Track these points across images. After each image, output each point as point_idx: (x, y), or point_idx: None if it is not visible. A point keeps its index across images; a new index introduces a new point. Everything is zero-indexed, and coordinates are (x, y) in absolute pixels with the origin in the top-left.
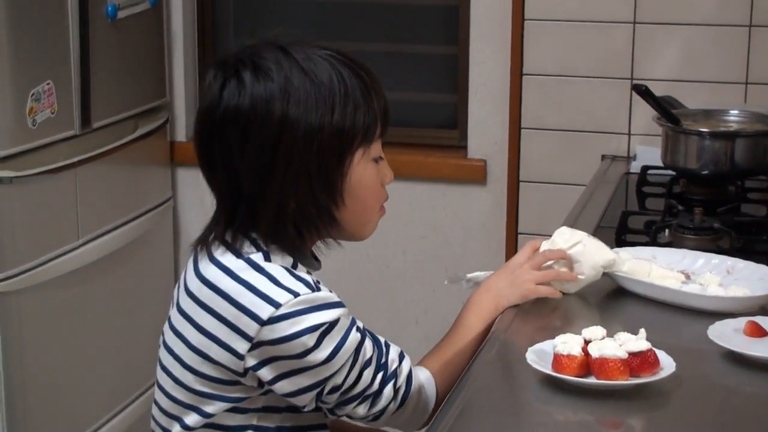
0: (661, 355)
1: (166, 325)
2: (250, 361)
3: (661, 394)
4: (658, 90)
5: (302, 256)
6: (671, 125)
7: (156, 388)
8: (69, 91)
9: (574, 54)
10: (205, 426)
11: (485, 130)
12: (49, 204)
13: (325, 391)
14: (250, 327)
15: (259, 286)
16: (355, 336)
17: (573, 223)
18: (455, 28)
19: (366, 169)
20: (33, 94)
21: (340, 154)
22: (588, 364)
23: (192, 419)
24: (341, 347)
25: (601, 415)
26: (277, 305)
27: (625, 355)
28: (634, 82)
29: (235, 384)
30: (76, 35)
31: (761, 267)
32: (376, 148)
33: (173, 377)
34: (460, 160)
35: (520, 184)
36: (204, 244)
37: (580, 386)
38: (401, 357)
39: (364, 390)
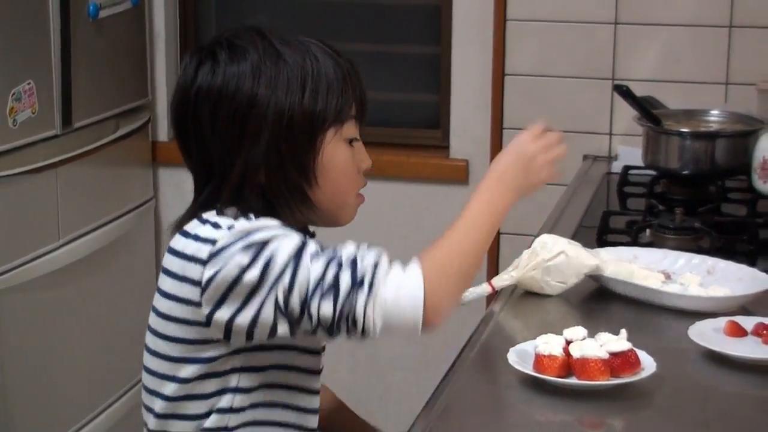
0: (642, 355)
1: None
2: (206, 307)
3: (642, 394)
4: (639, 90)
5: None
6: (652, 125)
7: (142, 371)
8: (50, 90)
9: (556, 54)
10: (184, 398)
11: (467, 130)
12: (30, 204)
13: (280, 299)
14: (196, 271)
15: (201, 234)
16: (293, 241)
17: (555, 222)
18: (437, 28)
19: (338, 149)
20: (13, 94)
21: (311, 133)
22: (569, 365)
23: (170, 389)
24: (277, 253)
25: (582, 416)
26: (214, 241)
27: (606, 356)
28: (616, 82)
29: (205, 342)
30: (57, 35)
31: (741, 267)
32: (350, 129)
33: (150, 350)
34: (442, 160)
35: None
36: (179, 225)
37: (561, 386)
38: (361, 249)
39: (318, 282)
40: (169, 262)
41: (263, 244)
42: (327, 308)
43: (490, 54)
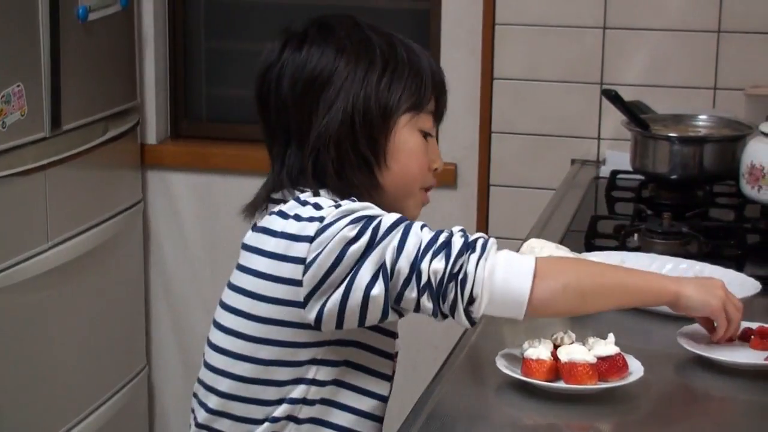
0: (630, 360)
1: (225, 290)
2: (307, 286)
3: (630, 398)
4: (627, 95)
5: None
6: (640, 130)
7: (206, 350)
8: (39, 93)
9: (545, 59)
10: (256, 381)
11: (455, 133)
12: (19, 206)
13: (388, 260)
14: (302, 249)
15: (304, 214)
16: (400, 216)
17: (543, 227)
18: (426, 32)
19: (411, 135)
20: (3, 96)
21: (386, 112)
22: (557, 369)
23: (242, 369)
24: (384, 222)
25: (570, 420)
26: (321, 219)
27: (593, 360)
28: (604, 86)
29: (294, 325)
30: (46, 37)
31: (729, 271)
32: (426, 122)
33: (225, 328)
34: None
35: (491, 187)
36: (255, 206)
37: (549, 390)
38: (460, 234)
39: (430, 244)
40: (263, 241)
41: (370, 218)
42: (438, 265)
43: (478, 58)
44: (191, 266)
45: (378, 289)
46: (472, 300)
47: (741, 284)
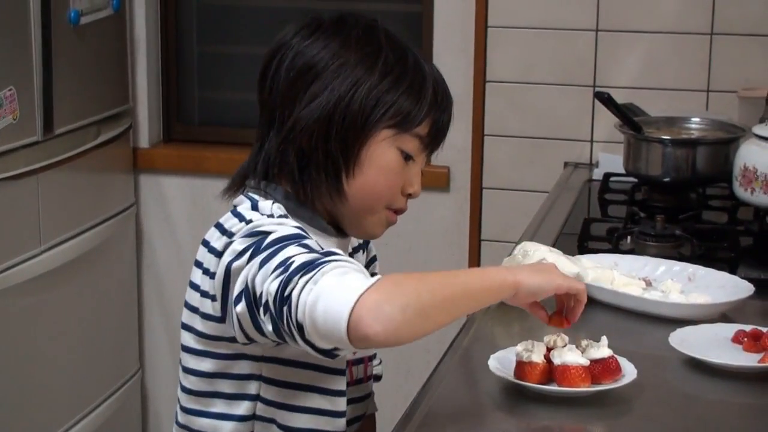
0: (623, 362)
1: None
2: (217, 300)
3: (623, 400)
4: (620, 97)
5: (304, 207)
6: (633, 133)
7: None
8: (31, 97)
9: (537, 61)
10: (204, 393)
11: (448, 136)
12: (11, 210)
13: (249, 278)
14: (214, 263)
15: (227, 227)
16: (292, 231)
17: (536, 229)
18: (418, 35)
19: (387, 153)
20: None
21: (366, 120)
22: (550, 371)
23: (190, 382)
24: (267, 238)
25: (563, 422)
26: (231, 234)
27: (586, 362)
28: (597, 89)
29: (219, 339)
30: (38, 41)
31: (722, 274)
32: (409, 144)
33: (182, 345)
34: (423, 167)
35: (483, 190)
36: (228, 190)
37: (542, 393)
38: (312, 255)
39: (280, 264)
40: (200, 253)
41: (264, 234)
42: (272, 286)
43: (471, 61)
44: (184, 269)
45: (241, 307)
46: (300, 327)
47: (734, 287)
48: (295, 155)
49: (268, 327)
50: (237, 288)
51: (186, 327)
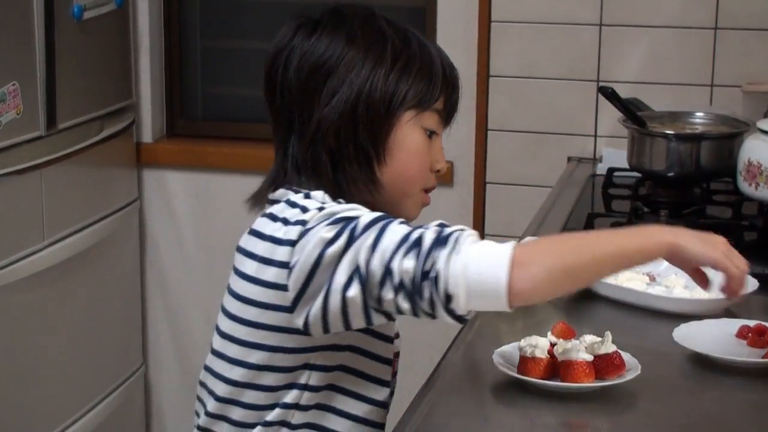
0: (627, 357)
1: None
2: (293, 290)
3: (627, 396)
4: (624, 92)
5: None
6: (637, 127)
7: (209, 354)
8: (34, 91)
9: (541, 56)
10: (248, 385)
11: (451, 131)
12: (15, 205)
13: (361, 261)
14: (285, 253)
15: (291, 217)
16: (380, 214)
17: (539, 224)
18: (422, 30)
19: (413, 133)
20: None
21: (389, 106)
22: (554, 367)
23: (237, 373)
24: (361, 221)
25: (567, 418)
26: (304, 222)
27: (590, 358)
28: (600, 84)
29: (283, 330)
30: (41, 36)
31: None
32: (431, 120)
33: (221, 333)
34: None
35: (487, 185)
36: (257, 200)
37: (545, 388)
38: (435, 229)
39: (401, 242)
40: (253, 244)
41: (350, 219)
42: (409, 264)
43: (474, 55)
44: (187, 265)
45: (354, 290)
46: (449, 298)
47: None
48: (327, 154)
49: (404, 305)
50: (342, 274)
51: (235, 318)
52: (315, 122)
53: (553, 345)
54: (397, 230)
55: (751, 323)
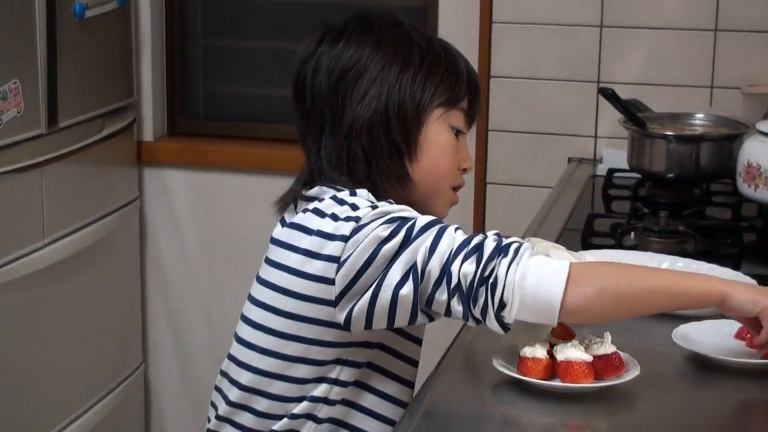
0: (626, 358)
1: (253, 284)
2: (339, 285)
3: (626, 396)
4: (624, 93)
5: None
6: (637, 128)
7: (233, 343)
8: (36, 90)
9: (541, 57)
10: (278, 376)
11: None
12: (15, 203)
13: (419, 260)
14: (336, 248)
15: (340, 213)
16: (435, 218)
17: (539, 225)
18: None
19: (442, 130)
20: None
21: (419, 103)
22: (553, 367)
23: (266, 364)
24: (418, 222)
25: (567, 418)
26: (357, 219)
27: (590, 358)
28: (601, 85)
29: (323, 324)
30: (43, 34)
31: (726, 270)
32: (457, 118)
33: (252, 323)
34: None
35: (487, 186)
36: (288, 201)
37: (545, 389)
38: (494, 237)
39: (462, 246)
40: (296, 238)
41: (405, 219)
42: (469, 268)
43: (475, 56)
44: (188, 263)
45: (407, 289)
46: (503, 305)
47: None
48: (361, 151)
49: (457, 307)
50: (397, 272)
51: (272, 309)
52: (348, 121)
53: (552, 345)
54: (455, 235)
55: None
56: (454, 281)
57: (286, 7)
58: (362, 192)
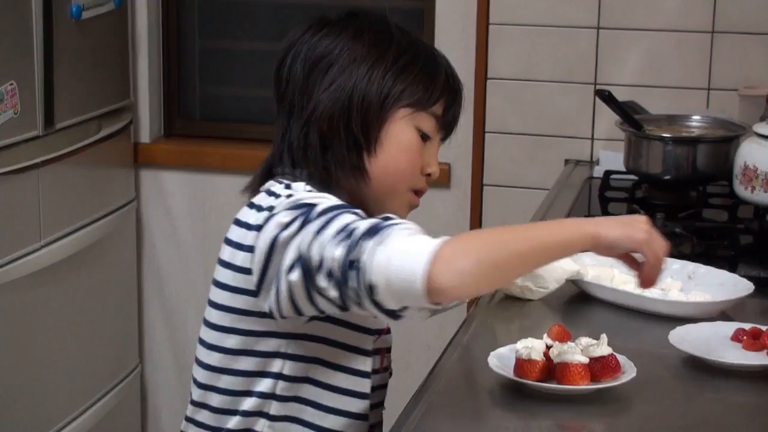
0: (622, 360)
1: None
2: (256, 274)
3: (622, 398)
4: (621, 95)
5: (329, 192)
6: (634, 130)
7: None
8: (32, 91)
9: (538, 59)
10: (224, 370)
11: None
12: (12, 205)
13: (304, 245)
14: (253, 237)
15: (264, 203)
16: (340, 202)
17: None
18: (420, 32)
19: (405, 130)
20: None
21: (385, 98)
22: (549, 369)
23: (214, 359)
24: (316, 208)
25: (563, 420)
26: (271, 208)
27: (586, 360)
28: (598, 87)
29: (251, 314)
30: (40, 35)
31: (722, 272)
32: (426, 122)
33: (204, 320)
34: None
35: (484, 187)
36: (250, 186)
37: (541, 391)
38: (374, 220)
39: (340, 230)
40: (231, 231)
41: (310, 206)
42: (338, 252)
43: (472, 58)
44: (184, 264)
45: (295, 275)
46: (371, 289)
47: (734, 285)
48: (318, 136)
49: (332, 293)
50: (288, 258)
51: (214, 304)
52: (311, 105)
53: (548, 347)
54: (343, 219)
55: (747, 326)
56: (326, 266)
57: (283, 8)
58: (298, 185)
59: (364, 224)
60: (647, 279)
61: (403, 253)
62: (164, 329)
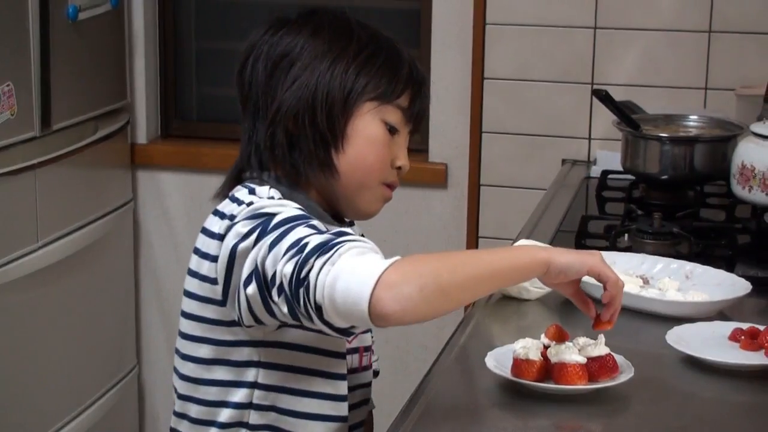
0: (620, 360)
1: None
2: (219, 283)
3: (620, 398)
4: (618, 95)
5: (298, 192)
6: (631, 130)
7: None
8: (29, 92)
9: (535, 58)
10: (198, 381)
11: (446, 133)
12: (8, 206)
13: (259, 259)
14: (215, 247)
15: (227, 211)
16: (297, 213)
17: (533, 227)
18: (417, 32)
19: (372, 125)
20: None
21: (349, 93)
22: (547, 369)
23: (188, 369)
24: (273, 220)
25: (560, 420)
26: (232, 217)
27: (583, 360)
28: (595, 86)
29: (220, 323)
30: (36, 36)
31: (719, 272)
32: (392, 115)
33: (179, 331)
34: (421, 164)
35: (481, 187)
36: (219, 193)
37: (539, 391)
38: (326, 236)
39: (293, 245)
40: (198, 240)
41: (269, 216)
42: (288, 268)
43: (469, 58)
44: (181, 266)
45: (251, 288)
46: (318, 308)
47: (731, 285)
48: (284, 135)
49: (283, 309)
50: (246, 270)
51: (185, 314)
52: (275, 106)
53: (546, 347)
54: (297, 233)
55: (744, 326)
56: (278, 282)
57: (279, 8)
58: (262, 190)
59: (315, 240)
60: (606, 312)
61: (350, 274)
62: (161, 330)
